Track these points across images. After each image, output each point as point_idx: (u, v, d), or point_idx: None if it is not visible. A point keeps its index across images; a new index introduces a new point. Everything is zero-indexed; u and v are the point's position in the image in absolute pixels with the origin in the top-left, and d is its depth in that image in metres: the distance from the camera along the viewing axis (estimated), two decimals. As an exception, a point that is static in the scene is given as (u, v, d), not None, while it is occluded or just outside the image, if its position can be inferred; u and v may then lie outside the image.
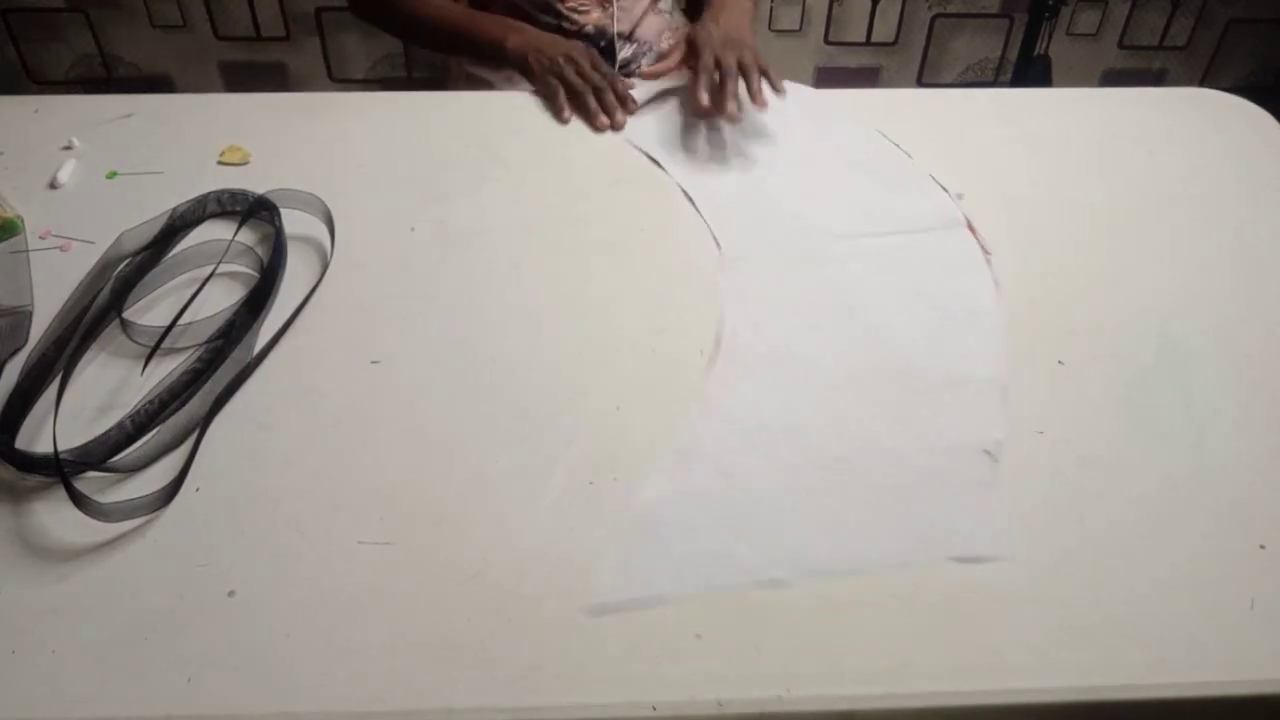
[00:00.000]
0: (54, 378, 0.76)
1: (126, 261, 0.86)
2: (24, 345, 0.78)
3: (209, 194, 0.92)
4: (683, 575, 0.65)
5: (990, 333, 0.82)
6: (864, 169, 1.01)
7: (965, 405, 0.76)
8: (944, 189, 0.98)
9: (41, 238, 0.90)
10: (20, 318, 0.81)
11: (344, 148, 1.01)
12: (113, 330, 0.81)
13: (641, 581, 0.64)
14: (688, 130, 1.05)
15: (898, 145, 1.04)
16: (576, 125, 1.06)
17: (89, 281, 0.84)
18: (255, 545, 0.65)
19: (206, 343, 0.78)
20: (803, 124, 1.07)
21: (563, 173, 1.00)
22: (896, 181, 1.00)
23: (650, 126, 1.06)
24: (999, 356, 0.80)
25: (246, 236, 0.90)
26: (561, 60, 1.07)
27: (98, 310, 0.82)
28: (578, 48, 1.09)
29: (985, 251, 0.91)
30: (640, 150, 1.03)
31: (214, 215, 0.92)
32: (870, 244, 0.92)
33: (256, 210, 0.91)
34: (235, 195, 0.92)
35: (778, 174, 1.00)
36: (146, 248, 0.87)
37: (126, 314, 0.82)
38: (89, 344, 0.79)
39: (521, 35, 1.11)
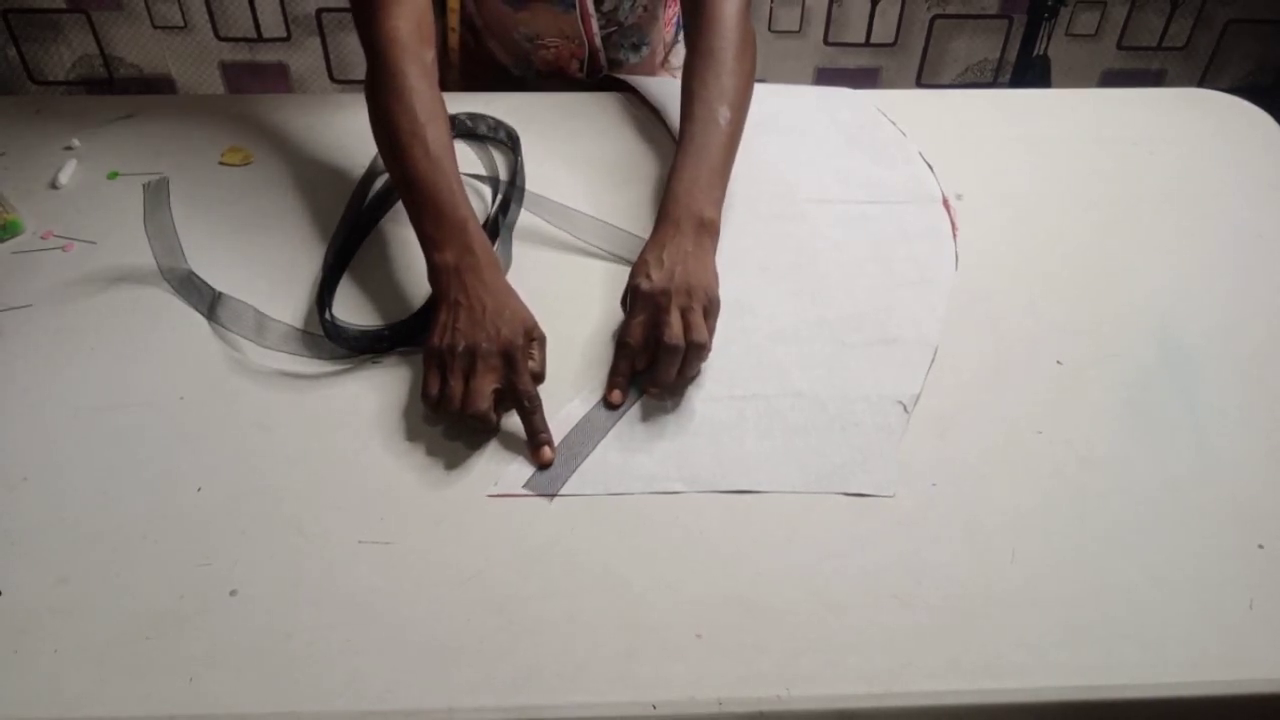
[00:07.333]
0: (343, 271, 0.87)
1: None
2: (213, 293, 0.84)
3: (456, 115, 1.00)
4: (583, 478, 0.70)
5: (937, 302, 0.84)
6: (857, 143, 1.03)
7: (891, 361, 0.79)
8: (929, 166, 1.00)
9: (43, 238, 0.90)
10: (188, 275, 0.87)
11: (345, 148, 1.01)
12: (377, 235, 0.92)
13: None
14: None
15: (894, 123, 1.06)
16: (576, 122, 1.06)
17: (357, 188, 0.95)
18: (256, 545, 0.66)
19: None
20: (807, 96, 1.11)
21: (560, 142, 1.02)
22: (884, 155, 1.02)
23: (653, 82, 1.10)
24: (936, 322, 0.82)
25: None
26: (472, 351, 0.72)
27: (367, 217, 0.93)
28: (510, 342, 0.73)
29: (954, 228, 0.92)
30: (642, 97, 1.06)
31: (458, 136, 1.00)
32: (842, 209, 0.94)
33: (500, 136, 1.02)
34: (478, 118, 1.03)
35: (773, 139, 1.03)
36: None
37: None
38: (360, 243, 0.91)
39: (459, 262, 0.76)
